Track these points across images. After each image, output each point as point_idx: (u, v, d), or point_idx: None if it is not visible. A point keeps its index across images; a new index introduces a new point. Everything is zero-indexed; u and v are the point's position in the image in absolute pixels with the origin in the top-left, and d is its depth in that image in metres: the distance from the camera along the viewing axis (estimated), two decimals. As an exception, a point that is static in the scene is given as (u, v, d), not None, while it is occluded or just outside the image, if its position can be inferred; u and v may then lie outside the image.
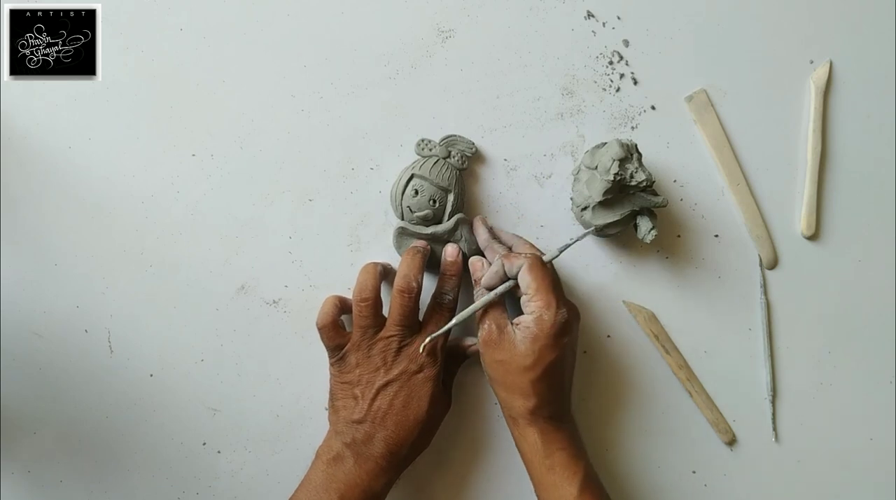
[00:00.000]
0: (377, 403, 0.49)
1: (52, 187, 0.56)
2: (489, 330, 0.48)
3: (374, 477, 0.48)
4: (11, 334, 0.56)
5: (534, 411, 0.47)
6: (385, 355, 0.49)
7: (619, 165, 0.50)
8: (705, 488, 0.58)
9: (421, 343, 0.49)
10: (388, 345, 0.50)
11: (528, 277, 0.47)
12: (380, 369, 0.49)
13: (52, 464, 0.56)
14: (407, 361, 0.49)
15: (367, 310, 0.50)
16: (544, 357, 0.46)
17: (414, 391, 0.49)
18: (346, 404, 0.50)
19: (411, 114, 0.57)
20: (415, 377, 0.49)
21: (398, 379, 0.49)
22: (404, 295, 0.50)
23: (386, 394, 0.49)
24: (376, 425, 0.48)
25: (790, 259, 0.59)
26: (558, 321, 0.46)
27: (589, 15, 0.58)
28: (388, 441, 0.48)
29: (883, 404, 0.59)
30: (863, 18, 0.60)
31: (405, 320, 0.50)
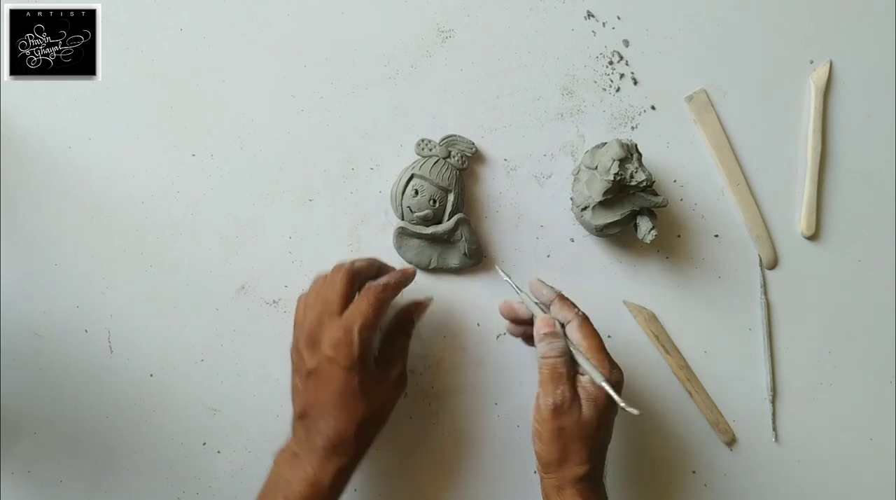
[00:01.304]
0: (307, 396, 0.46)
1: (52, 187, 0.56)
2: (562, 397, 0.45)
3: (321, 468, 0.45)
4: (11, 334, 0.55)
5: (583, 479, 0.45)
6: (307, 338, 0.46)
7: (619, 165, 0.50)
8: (705, 488, 0.58)
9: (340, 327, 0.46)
10: (311, 326, 0.46)
11: (580, 335, 0.46)
12: (304, 353, 0.46)
13: (52, 464, 0.56)
14: (323, 346, 0.45)
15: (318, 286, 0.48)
16: (603, 421, 0.45)
17: (334, 384, 0.45)
18: (293, 396, 0.49)
19: (411, 114, 0.57)
20: (332, 368, 0.45)
21: (319, 370, 0.46)
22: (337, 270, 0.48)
23: (312, 386, 0.46)
24: (309, 419, 0.46)
25: (790, 259, 0.59)
26: (614, 381, 0.45)
27: (589, 15, 0.58)
28: (323, 434, 0.45)
29: (883, 404, 0.59)
30: (863, 18, 0.60)
31: (329, 293, 0.47)
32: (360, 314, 0.46)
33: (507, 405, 0.57)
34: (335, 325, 0.46)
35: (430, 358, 0.57)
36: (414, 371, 0.57)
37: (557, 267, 0.57)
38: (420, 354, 0.57)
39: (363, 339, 0.45)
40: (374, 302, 0.47)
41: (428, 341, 0.57)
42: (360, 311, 0.46)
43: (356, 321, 0.45)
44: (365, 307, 0.46)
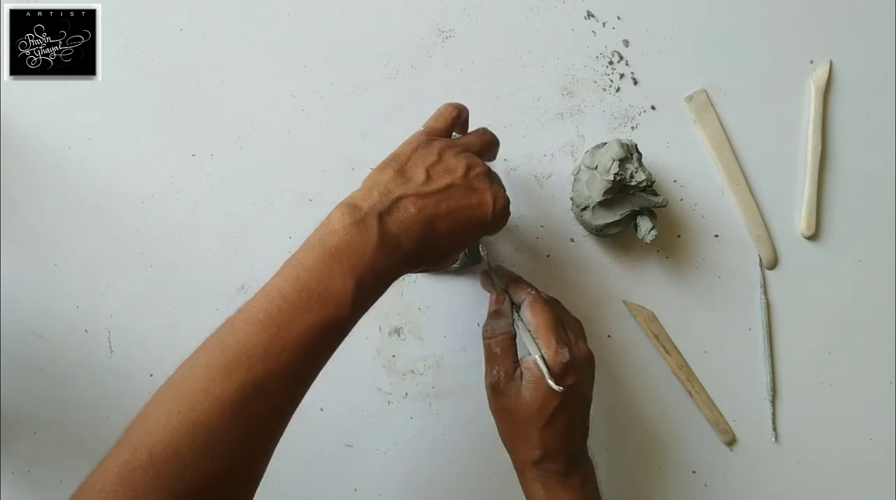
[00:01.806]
0: (442, 199, 0.40)
1: (52, 187, 0.56)
2: (496, 376, 0.46)
3: (392, 266, 0.39)
4: (11, 334, 0.55)
5: (539, 464, 0.45)
6: (471, 165, 0.42)
7: (619, 165, 0.50)
8: (705, 488, 0.58)
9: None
10: (478, 163, 0.43)
11: (529, 313, 0.46)
12: (460, 168, 0.41)
13: (52, 464, 0.56)
14: (489, 183, 0.42)
15: (489, 137, 0.46)
16: (548, 403, 0.44)
17: (477, 216, 0.41)
18: (411, 168, 0.42)
19: (411, 114, 0.57)
20: (486, 204, 0.41)
21: (474, 192, 0.41)
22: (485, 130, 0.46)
23: (455, 191, 0.41)
24: (426, 218, 0.39)
25: (790, 259, 0.59)
26: (557, 362, 0.44)
27: (589, 15, 0.58)
28: (422, 244, 0.39)
29: (883, 404, 0.59)
30: (863, 18, 0.60)
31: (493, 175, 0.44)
32: (504, 195, 0.43)
33: (507, 405, 0.57)
34: (502, 190, 0.43)
35: (430, 358, 0.57)
36: (414, 371, 0.57)
37: (557, 267, 0.57)
38: (420, 354, 0.57)
39: (503, 222, 0.44)
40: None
41: (428, 341, 0.57)
42: (503, 193, 0.44)
43: (508, 203, 0.43)
44: (505, 195, 0.44)
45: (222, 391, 0.33)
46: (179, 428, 0.32)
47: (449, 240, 0.41)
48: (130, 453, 0.32)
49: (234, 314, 0.36)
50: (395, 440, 0.56)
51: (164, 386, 0.35)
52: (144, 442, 0.32)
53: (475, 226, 0.41)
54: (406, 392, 0.57)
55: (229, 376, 0.34)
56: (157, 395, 0.35)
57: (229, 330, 0.35)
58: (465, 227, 0.41)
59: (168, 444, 0.32)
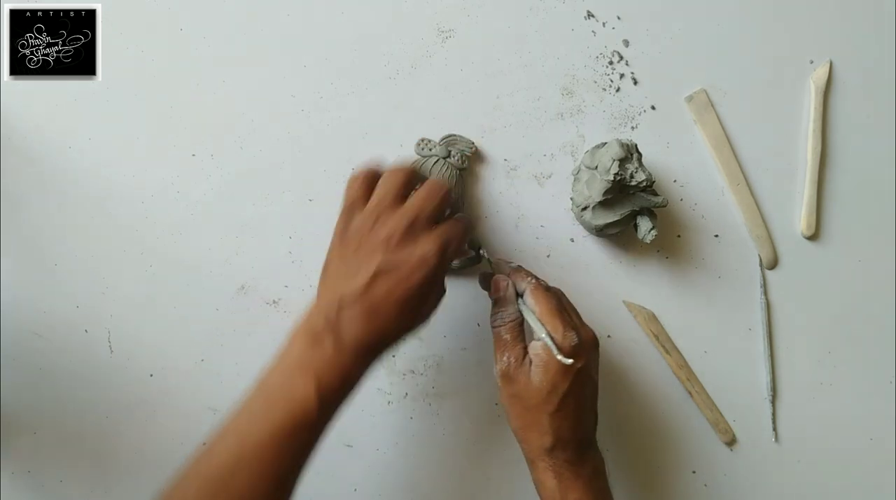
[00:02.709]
0: (372, 287, 0.42)
1: (52, 187, 0.56)
2: (507, 363, 0.46)
3: (353, 363, 0.42)
4: (11, 334, 0.55)
5: (551, 451, 0.45)
6: (393, 232, 0.42)
7: (619, 165, 0.50)
8: (705, 488, 0.58)
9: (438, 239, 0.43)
10: (400, 222, 0.43)
11: (532, 300, 0.46)
12: (381, 247, 0.42)
13: (52, 464, 0.56)
14: (413, 248, 0.42)
15: (395, 178, 0.45)
16: (558, 387, 0.44)
17: (412, 286, 0.42)
18: (339, 274, 0.43)
19: (411, 114, 0.57)
20: (416, 272, 0.42)
21: (399, 267, 0.42)
22: (435, 184, 0.46)
23: (383, 280, 0.42)
24: (365, 309, 0.41)
25: (790, 259, 0.59)
26: (566, 346, 0.44)
27: (589, 15, 0.58)
28: (371, 329, 0.42)
29: (883, 404, 0.59)
30: (863, 18, 0.60)
31: (428, 202, 0.44)
32: (455, 236, 0.44)
33: (507, 405, 0.57)
34: (432, 236, 0.43)
35: (430, 358, 0.57)
36: (414, 371, 0.57)
37: (557, 267, 0.57)
38: (420, 354, 0.57)
39: (451, 258, 0.44)
40: (464, 233, 0.46)
41: (428, 341, 0.57)
42: (457, 233, 0.44)
43: (452, 241, 0.44)
44: (460, 231, 0.45)
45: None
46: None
47: (401, 318, 0.43)
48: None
49: (210, 435, 0.42)
50: (395, 440, 0.56)
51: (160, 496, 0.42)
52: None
53: (416, 294, 0.42)
54: (406, 392, 0.57)
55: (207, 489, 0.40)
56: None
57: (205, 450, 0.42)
58: (408, 300, 0.42)
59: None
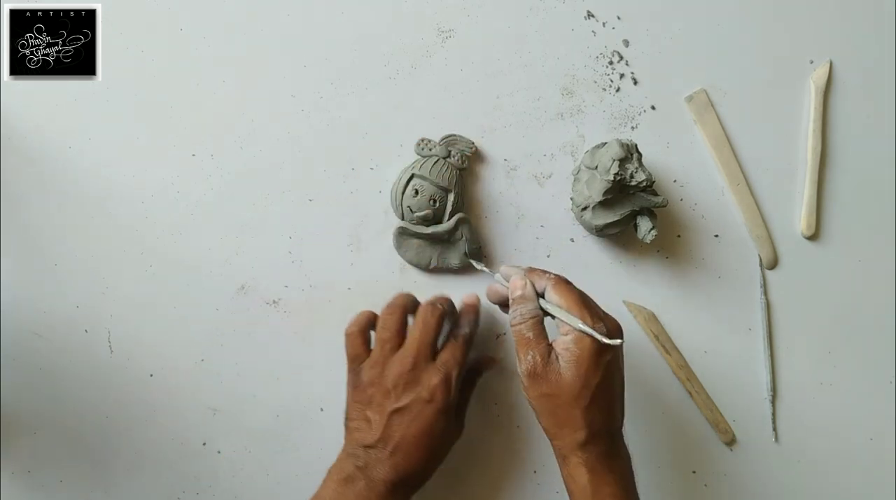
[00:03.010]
0: (388, 431, 0.47)
1: (52, 187, 0.56)
2: (533, 362, 0.45)
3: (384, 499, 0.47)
4: (11, 334, 0.55)
5: (584, 446, 0.44)
6: (398, 377, 0.48)
7: (619, 165, 0.50)
8: (705, 488, 0.58)
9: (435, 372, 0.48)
10: (403, 366, 0.48)
11: (555, 295, 0.46)
12: (391, 393, 0.48)
13: (52, 464, 0.56)
14: (419, 388, 0.48)
15: (392, 322, 0.50)
16: (590, 381, 0.43)
17: (425, 423, 0.47)
18: (360, 426, 0.49)
19: (411, 114, 0.57)
20: (426, 407, 0.47)
21: (410, 408, 0.47)
22: (427, 312, 0.50)
23: (397, 423, 0.47)
24: (387, 452, 0.47)
25: (790, 259, 0.59)
26: (599, 331, 0.44)
27: (589, 15, 0.58)
28: (398, 469, 0.47)
29: (883, 404, 0.59)
30: (863, 18, 0.60)
31: (425, 338, 0.49)
32: (456, 363, 0.49)
33: (507, 405, 0.57)
34: (433, 369, 0.48)
35: (430, 358, 0.57)
36: (414, 371, 0.57)
37: (557, 267, 0.57)
38: (420, 354, 0.57)
39: (457, 385, 0.49)
40: (465, 351, 0.50)
41: (428, 341, 0.57)
42: (457, 359, 0.49)
43: (454, 369, 0.49)
44: (460, 356, 0.50)
45: None
46: None
47: (425, 454, 0.48)
48: None
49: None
50: (395, 440, 0.56)
51: None
52: None
53: (432, 429, 0.47)
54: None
55: None
56: None
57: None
58: (426, 436, 0.47)
59: None
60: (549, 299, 0.46)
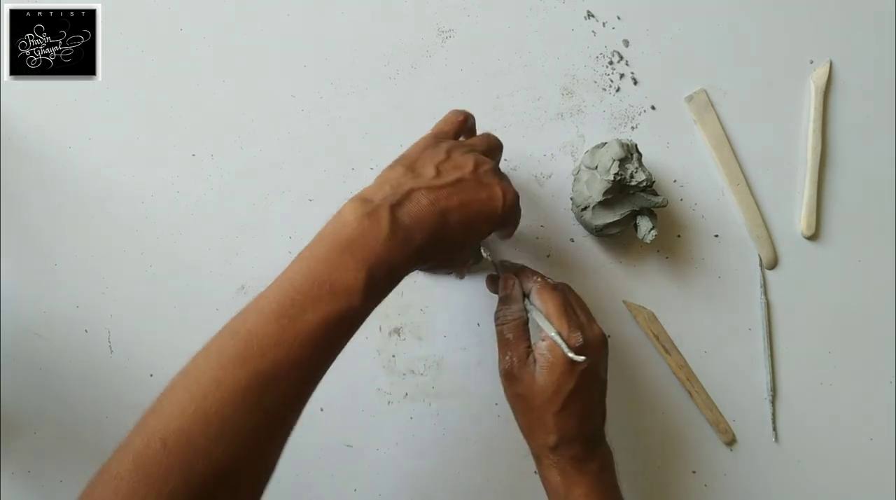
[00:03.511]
0: (451, 192, 0.40)
1: (52, 187, 0.56)
2: (510, 363, 0.46)
3: (406, 258, 0.39)
4: (11, 334, 0.55)
5: (555, 449, 0.45)
6: (479, 165, 0.42)
7: (619, 165, 0.50)
8: (705, 488, 0.58)
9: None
10: (486, 163, 0.43)
11: (538, 300, 0.46)
12: (468, 165, 0.42)
13: (52, 464, 0.56)
14: (496, 183, 0.42)
15: (497, 143, 0.47)
16: (563, 387, 0.44)
17: (487, 209, 0.41)
18: (420, 166, 0.42)
19: (411, 114, 0.57)
20: (497, 199, 0.42)
21: (484, 186, 0.42)
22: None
23: (465, 186, 0.41)
24: (433, 206, 0.39)
25: (790, 259, 0.59)
26: (572, 346, 0.44)
27: (589, 15, 0.58)
28: (430, 230, 0.39)
29: (883, 404, 0.59)
30: (863, 18, 0.60)
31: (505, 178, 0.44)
32: (513, 191, 0.44)
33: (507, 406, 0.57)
34: (507, 184, 0.43)
35: (430, 358, 0.57)
36: (414, 371, 0.57)
37: (557, 267, 0.57)
38: (420, 354, 0.57)
39: (513, 219, 0.45)
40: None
41: (428, 341, 0.57)
42: (512, 190, 0.44)
43: (517, 202, 0.44)
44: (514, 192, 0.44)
45: (234, 381, 0.34)
46: (192, 417, 0.33)
47: (461, 233, 0.41)
48: (145, 441, 0.33)
49: (247, 305, 0.37)
50: (395, 440, 0.56)
51: (178, 376, 0.36)
52: (159, 431, 0.33)
53: (486, 220, 0.42)
54: (406, 392, 0.57)
55: (241, 365, 0.34)
56: (170, 384, 0.36)
57: (242, 320, 0.36)
58: (477, 220, 0.41)
59: (181, 433, 0.33)
60: (533, 303, 0.47)
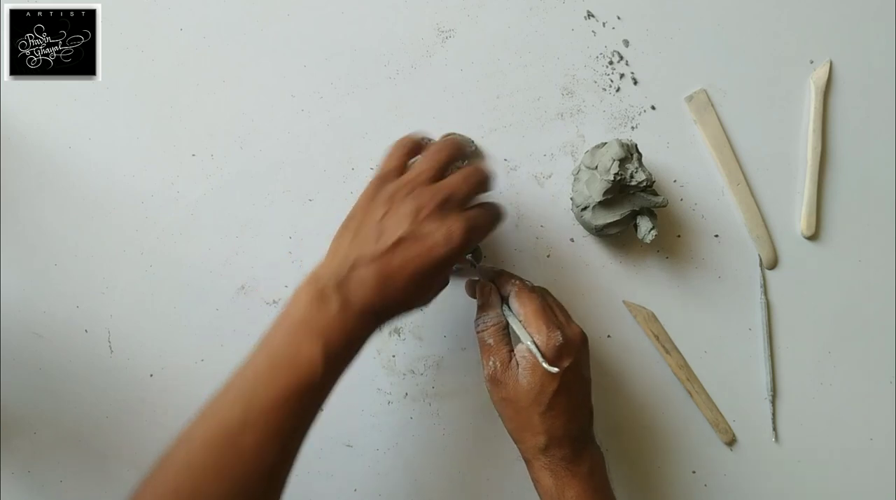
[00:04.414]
0: (391, 253, 0.42)
1: (52, 187, 0.56)
2: (493, 368, 0.46)
3: (359, 327, 0.42)
4: (11, 334, 0.56)
5: (545, 450, 0.45)
6: (423, 205, 0.43)
7: (619, 165, 0.50)
8: (705, 488, 0.58)
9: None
10: (434, 198, 0.43)
11: (517, 303, 0.47)
12: (409, 218, 0.42)
13: (52, 464, 0.56)
14: (440, 225, 0.42)
15: (438, 157, 0.46)
16: (547, 388, 0.44)
17: (430, 260, 0.42)
18: (360, 235, 0.43)
19: (411, 114, 0.57)
20: (438, 247, 0.42)
21: (423, 239, 0.42)
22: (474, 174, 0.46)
23: (403, 248, 0.42)
24: (380, 274, 0.41)
25: (790, 259, 0.59)
26: (551, 346, 0.44)
27: (589, 15, 0.58)
28: (383, 295, 0.42)
29: (883, 404, 0.59)
30: (863, 18, 0.60)
31: (462, 187, 0.45)
32: (484, 224, 0.45)
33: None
34: (461, 218, 0.43)
35: (430, 358, 0.57)
36: (414, 371, 0.57)
37: (557, 267, 0.57)
38: (420, 354, 0.57)
39: (474, 243, 0.44)
40: (496, 218, 0.46)
41: (428, 341, 0.57)
42: (486, 221, 0.45)
43: (480, 228, 0.44)
44: (489, 220, 0.45)
45: (204, 461, 0.39)
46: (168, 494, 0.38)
47: (413, 291, 0.43)
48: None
49: (214, 394, 0.41)
50: (395, 440, 0.56)
51: (162, 454, 0.41)
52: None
53: (434, 271, 0.43)
54: (406, 392, 0.57)
55: (211, 448, 0.39)
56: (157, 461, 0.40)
57: (210, 409, 0.41)
58: (423, 275, 0.42)
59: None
60: (511, 307, 0.47)
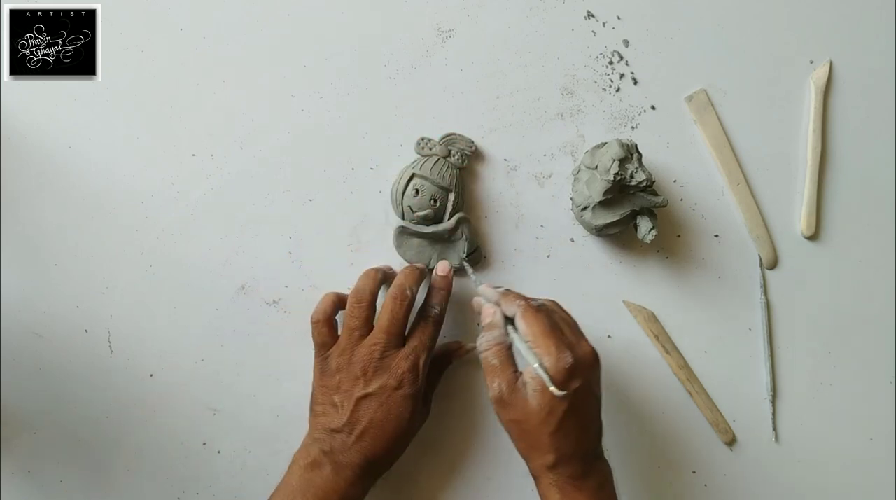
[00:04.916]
0: (356, 415, 0.48)
1: (52, 187, 0.56)
2: (499, 390, 0.45)
3: (351, 485, 0.47)
4: (11, 334, 0.55)
5: (554, 468, 0.45)
6: (366, 364, 0.48)
7: (619, 165, 0.50)
8: (705, 488, 0.58)
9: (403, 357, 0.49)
10: (371, 353, 0.48)
11: (523, 324, 0.46)
12: (359, 380, 0.48)
13: (52, 464, 0.56)
14: (387, 375, 0.48)
15: (360, 311, 0.50)
16: (556, 408, 0.44)
17: (393, 408, 0.48)
18: (326, 411, 0.49)
19: (411, 114, 0.57)
20: (395, 393, 0.48)
21: (378, 394, 0.48)
22: (396, 301, 0.49)
23: (365, 408, 0.48)
24: (354, 436, 0.48)
25: (790, 259, 0.59)
26: (561, 368, 0.43)
27: (589, 15, 0.58)
28: (365, 453, 0.48)
29: (883, 404, 0.59)
30: (863, 18, 0.60)
31: (392, 327, 0.49)
32: (424, 347, 0.50)
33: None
34: (402, 356, 0.49)
35: (430, 358, 0.57)
36: (414, 371, 0.57)
37: (557, 267, 0.57)
38: (420, 354, 0.57)
39: (425, 370, 0.49)
40: (435, 333, 0.51)
41: (428, 341, 0.57)
42: (425, 344, 0.50)
43: (422, 354, 0.49)
44: (428, 340, 0.50)
45: None
46: None
47: (392, 438, 0.48)
48: None
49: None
50: (395, 440, 0.56)
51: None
52: None
53: (400, 415, 0.48)
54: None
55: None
56: None
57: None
58: (395, 417, 0.48)
59: None
60: (518, 328, 0.46)
